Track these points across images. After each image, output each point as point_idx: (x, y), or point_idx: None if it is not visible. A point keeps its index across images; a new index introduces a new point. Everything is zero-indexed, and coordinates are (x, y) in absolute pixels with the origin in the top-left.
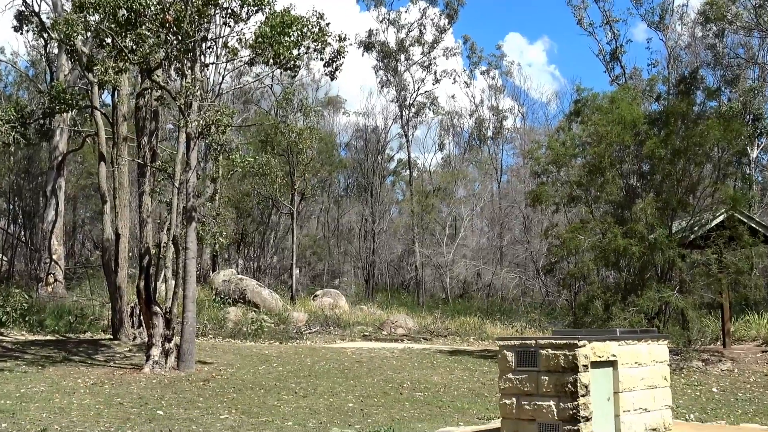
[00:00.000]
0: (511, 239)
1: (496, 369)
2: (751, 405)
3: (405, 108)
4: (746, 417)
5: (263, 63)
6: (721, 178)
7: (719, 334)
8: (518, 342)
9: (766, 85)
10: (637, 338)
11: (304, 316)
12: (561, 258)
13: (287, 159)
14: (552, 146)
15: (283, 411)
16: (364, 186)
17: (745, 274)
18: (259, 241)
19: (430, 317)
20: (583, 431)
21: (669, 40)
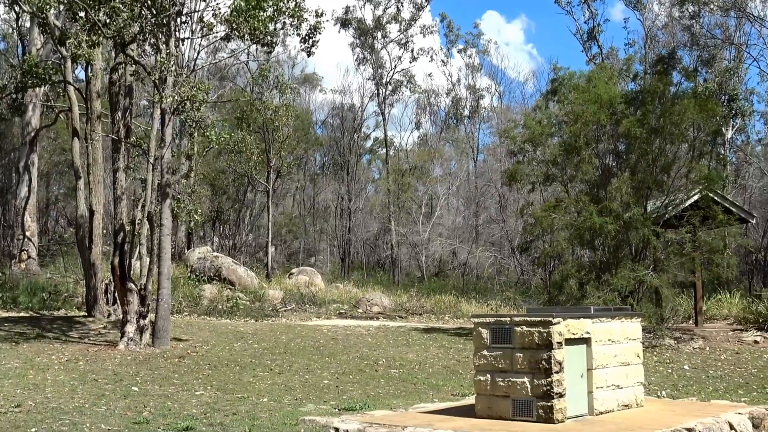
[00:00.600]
0: (486, 218)
1: (470, 346)
2: (721, 382)
3: (382, 86)
4: (717, 394)
5: (239, 38)
6: (697, 157)
7: (692, 313)
8: (493, 319)
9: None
10: (610, 316)
11: (279, 294)
12: (536, 237)
13: (263, 136)
14: (528, 125)
15: (258, 387)
16: (340, 164)
17: (719, 253)
18: (235, 218)
19: (406, 295)
20: (557, 407)
21: (646, 20)
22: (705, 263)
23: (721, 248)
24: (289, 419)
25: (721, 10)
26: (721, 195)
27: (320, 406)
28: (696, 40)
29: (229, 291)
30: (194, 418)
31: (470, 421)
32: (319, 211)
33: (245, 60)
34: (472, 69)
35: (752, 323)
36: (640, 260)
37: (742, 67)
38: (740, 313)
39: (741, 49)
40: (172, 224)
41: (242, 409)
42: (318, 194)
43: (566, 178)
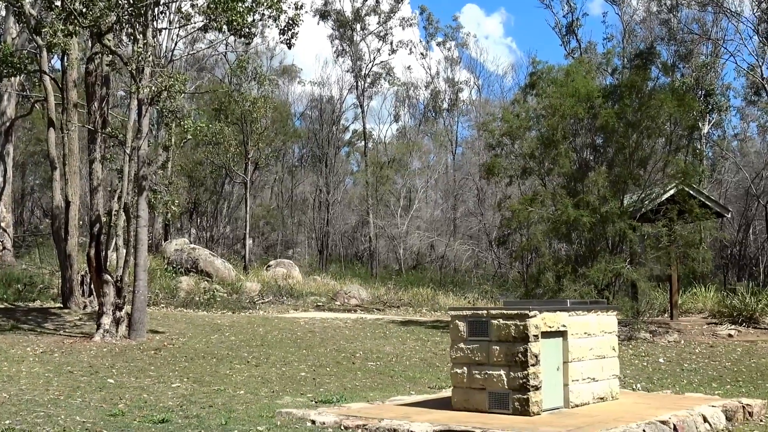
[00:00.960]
0: (464, 211)
1: (447, 339)
2: (696, 375)
3: (360, 78)
4: (691, 387)
5: (216, 30)
6: (673, 152)
7: (667, 306)
8: (470, 312)
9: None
10: (586, 309)
11: (257, 286)
12: (513, 230)
13: (241, 128)
14: (506, 118)
15: (235, 380)
16: (318, 156)
17: (694, 248)
18: (212, 210)
19: (384, 288)
20: (533, 400)
21: (625, 14)
22: (681, 257)
23: (697, 242)
24: (265, 412)
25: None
26: (697, 189)
27: (297, 399)
28: (673, 34)
29: (207, 283)
30: (170, 410)
31: (447, 413)
32: (297, 203)
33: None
34: (451, 62)
35: (727, 317)
36: (617, 253)
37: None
38: (715, 307)
39: (718, 44)
40: (149, 216)
41: (219, 402)
42: (296, 186)
43: (544, 172)
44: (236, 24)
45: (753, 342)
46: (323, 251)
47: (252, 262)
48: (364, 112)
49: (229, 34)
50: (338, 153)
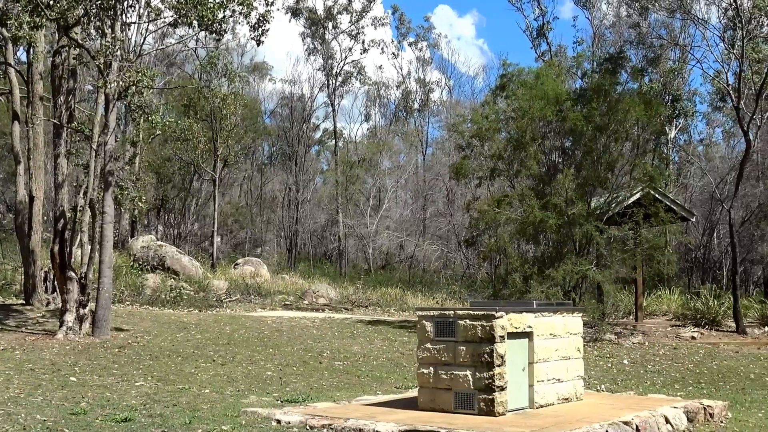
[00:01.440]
0: (434, 212)
1: (415, 339)
2: (659, 376)
3: (332, 77)
4: (654, 388)
5: (187, 25)
6: (640, 156)
7: (632, 308)
8: (437, 312)
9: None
10: (552, 310)
11: (224, 284)
12: (482, 231)
13: (210, 124)
14: (475, 120)
15: (200, 378)
16: (288, 154)
17: (659, 251)
18: (180, 207)
19: (352, 287)
20: (498, 400)
21: (595, 18)
22: (646, 260)
23: (662, 245)
24: (230, 411)
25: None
26: (663, 193)
27: (263, 398)
28: (642, 39)
29: (173, 281)
30: (133, 409)
31: (412, 413)
32: (267, 201)
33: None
34: (422, 62)
35: (690, 319)
36: (584, 256)
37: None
38: (679, 310)
39: (685, 50)
40: (115, 212)
41: (183, 401)
42: (265, 184)
43: (512, 173)
44: (207, 20)
45: (715, 344)
46: (292, 250)
47: (220, 260)
48: (335, 110)
49: (199, 29)
50: (308, 151)
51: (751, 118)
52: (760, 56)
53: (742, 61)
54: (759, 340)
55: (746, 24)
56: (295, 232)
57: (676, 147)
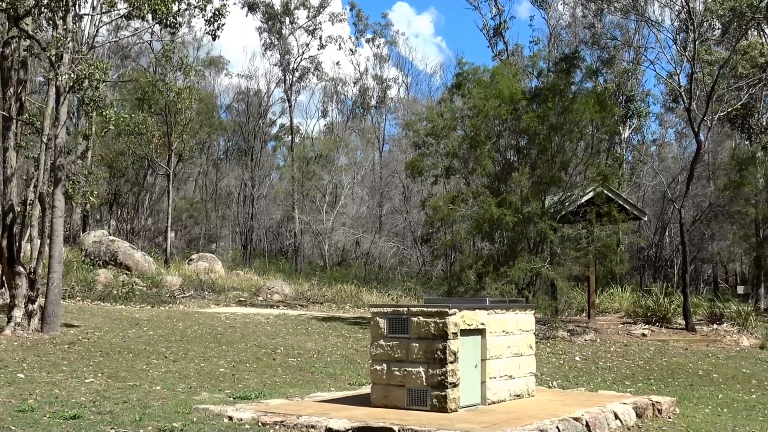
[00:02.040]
0: (390, 208)
1: (369, 336)
2: (610, 373)
3: (288, 72)
4: (605, 384)
5: (140, 18)
6: (594, 155)
7: (585, 306)
8: (391, 309)
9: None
10: (505, 308)
11: (178, 280)
12: (437, 228)
13: (165, 119)
14: (431, 118)
15: (151, 375)
16: (244, 150)
17: (612, 249)
18: (134, 202)
19: (308, 284)
20: (450, 397)
21: (551, 18)
22: (599, 258)
23: (615, 244)
24: (182, 408)
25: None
26: (616, 192)
27: (215, 395)
28: (597, 40)
29: (126, 276)
30: (82, 406)
31: (365, 410)
32: (222, 196)
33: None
34: (380, 59)
35: (641, 317)
36: (538, 253)
37: (639, 69)
38: (630, 307)
39: (639, 51)
40: (66, 206)
41: (133, 397)
42: (221, 180)
43: (468, 171)
44: (161, 13)
45: (665, 341)
46: (247, 246)
47: (173, 256)
48: (292, 106)
49: (153, 23)
50: (264, 147)
51: (702, 119)
52: (712, 58)
53: (694, 63)
54: (707, 338)
55: (698, 27)
56: (251, 228)
57: (629, 147)
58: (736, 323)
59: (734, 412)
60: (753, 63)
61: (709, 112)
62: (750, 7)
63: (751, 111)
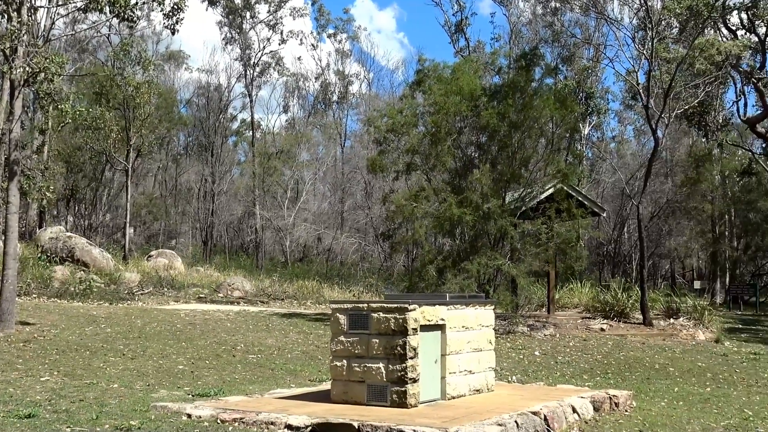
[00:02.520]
0: (352, 204)
1: (330, 332)
2: (568, 367)
3: (249, 67)
4: (563, 379)
5: (97, 11)
6: (554, 152)
7: (545, 301)
8: (351, 305)
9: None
10: (465, 303)
11: (136, 277)
12: (399, 225)
13: (123, 113)
14: (391, 115)
15: (109, 373)
16: (204, 145)
17: (571, 245)
18: (91, 198)
19: (269, 280)
20: (410, 392)
21: (512, 15)
22: (559, 254)
23: (574, 240)
24: (139, 405)
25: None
26: (575, 189)
27: (173, 392)
28: (557, 37)
29: (83, 273)
30: (38, 404)
31: (325, 406)
32: (182, 192)
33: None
34: (341, 55)
35: (600, 312)
36: (498, 249)
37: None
38: (589, 302)
39: (599, 49)
40: (21, 202)
41: (90, 396)
42: (181, 175)
43: (428, 168)
44: (119, 6)
45: (623, 336)
46: (208, 242)
47: (132, 252)
48: (253, 101)
49: (111, 16)
50: (225, 142)
51: (660, 116)
52: (670, 56)
53: (652, 61)
54: (664, 332)
55: (656, 25)
56: (211, 224)
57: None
58: (692, 318)
59: (689, 404)
60: (710, 61)
61: (667, 110)
62: (707, 6)
63: (708, 108)
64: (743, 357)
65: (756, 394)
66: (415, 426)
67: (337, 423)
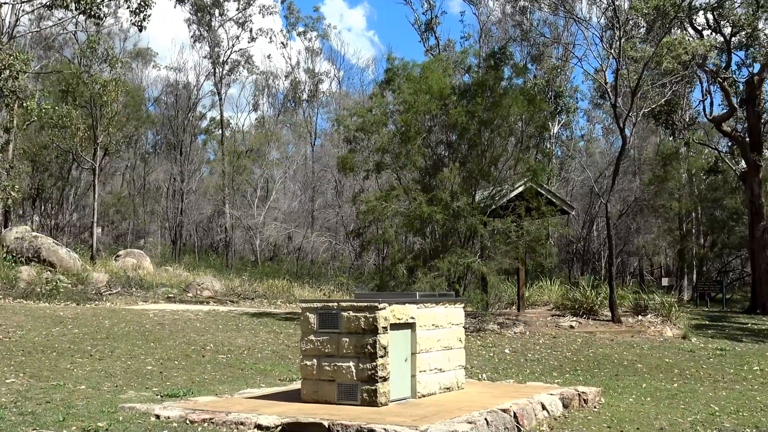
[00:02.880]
0: (323, 203)
1: (300, 331)
2: (538, 365)
3: (218, 65)
4: (533, 376)
5: (63, 8)
6: (523, 150)
7: (515, 299)
8: (321, 304)
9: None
10: (435, 301)
11: (104, 277)
12: (369, 224)
13: (90, 111)
14: (360, 114)
15: (76, 374)
16: (173, 144)
17: (541, 243)
18: (58, 197)
19: (239, 279)
20: (381, 391)
21: (481, 14)
22: (528, 252)
23: (544, 238)
24: (107, 407)
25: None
26: (544, 187)
27: (142, 393)
28: (526, 36)
29: (50, 273)
30: (3, 407)
31: (296, 405)
32: (150, 191)
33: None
34: (311, 53)
35: (569, 309)
36: (468, 248)
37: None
38: (559, 300)
39: (568, 48)
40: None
41: (57, 397)
42: (149, 174)
43: (399, 167)
44: (84, 2)
45: (592, 333)
46: (177, 241)
47: (100, 252)
48: (222, 99)
49: (77, 12)
50: (194, 141)
51: (627, 115)
52: (637, 56)
53: (620, 60)
54: (633, 329)
55: (624, 24)
56: (180, 223)
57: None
58: (660, 314)
59: (657, 400)
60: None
61: (635, 108)
62: (673, 6)
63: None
64: (710, 353)
65: (722, 389)
66: (385, 425)
67: (308, 422)
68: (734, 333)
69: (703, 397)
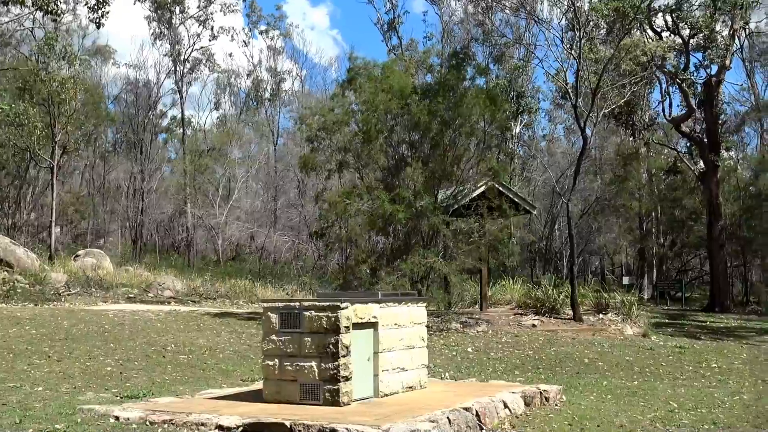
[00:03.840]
0: (285, 202)
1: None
2: (500, 363)
3: (179, 63)
4: (495, 374)
5: (20, 4)
6: (485, 150)
7: (478, 298)
8: (283, 304)
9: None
10: (397, 301)
11: (63, 277)
12: (332, 223)
13: (48, 109)
14: (322, 113)
15: (33, 376)
16: (133, 142)
17: (503, 242)
18: (15, 196)
19: (200, 279)
20: (343, 390)
21: (444, 14)
22: (491, 251)
23: (506, 237)
24: (65, 408)
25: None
26: (507, 187)
27: (101, 395)
28: (488, 36)
29: (7, 273)
30: None
31: (258, 406)
32: (110, 190)
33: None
34: (274, 51)
35: (531, 308)
36: (431, 247)
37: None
38: (521, 299)
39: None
40: None
41: (13, 399)
42: (109, 173)
43: (361, 166)
44: None
45: (554, 331)
46: (137, 241)
47: (59, 252)
48: (183, 98)
49: (34, 8)
50: (155, 139)
51: (588, 115)
52: (597, 57)
53: (580, 61)
54: (594, 327)
55: (584, 26)
56: (141, 222)
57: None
58: (620, 313)
59: (617, 398)
60: (636, 61)
61: (595, 109)
62: (633, 7)
63: (635, 108)
64: (669, 351)
65: (681, 386)
66: (347, 424)
67: (269, 422)
68: (693, 331)
69: (662, 394)
